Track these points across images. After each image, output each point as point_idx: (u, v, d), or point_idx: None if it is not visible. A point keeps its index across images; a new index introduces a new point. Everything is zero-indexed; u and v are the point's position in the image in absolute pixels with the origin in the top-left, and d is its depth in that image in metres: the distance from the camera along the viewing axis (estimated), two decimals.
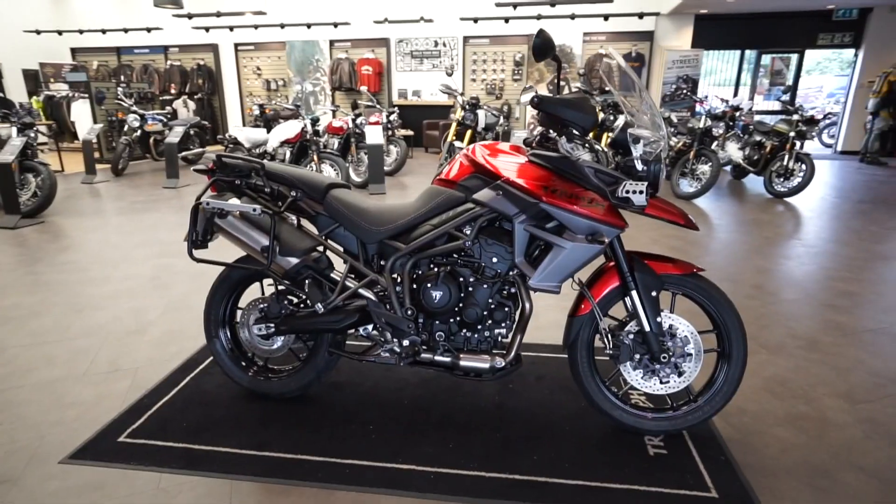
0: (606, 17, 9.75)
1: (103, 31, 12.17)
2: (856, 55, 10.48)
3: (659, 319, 1.79)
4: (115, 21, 12.21)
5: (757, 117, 7.57)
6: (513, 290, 1.87)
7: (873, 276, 3.58)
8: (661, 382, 1.85)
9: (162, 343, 2.63)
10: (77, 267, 3.79)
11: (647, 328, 1.79)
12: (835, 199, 6.25)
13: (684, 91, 10.69)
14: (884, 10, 9.94)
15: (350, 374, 2.32)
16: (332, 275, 1.93)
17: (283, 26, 11.10)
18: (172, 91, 12.64)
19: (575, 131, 1.69)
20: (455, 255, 1.86)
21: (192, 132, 9.02)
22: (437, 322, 1.90)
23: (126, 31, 12.10)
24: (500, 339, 1.91)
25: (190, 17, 11.14)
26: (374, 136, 6.50)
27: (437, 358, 1.88)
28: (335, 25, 10.86)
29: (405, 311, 1.87)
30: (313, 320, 1.93)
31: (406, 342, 1.90)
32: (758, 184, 7.08)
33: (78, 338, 2.69)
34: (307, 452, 1.81)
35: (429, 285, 1.82)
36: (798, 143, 6.23)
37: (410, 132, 11.12)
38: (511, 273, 1.83)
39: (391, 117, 8.03)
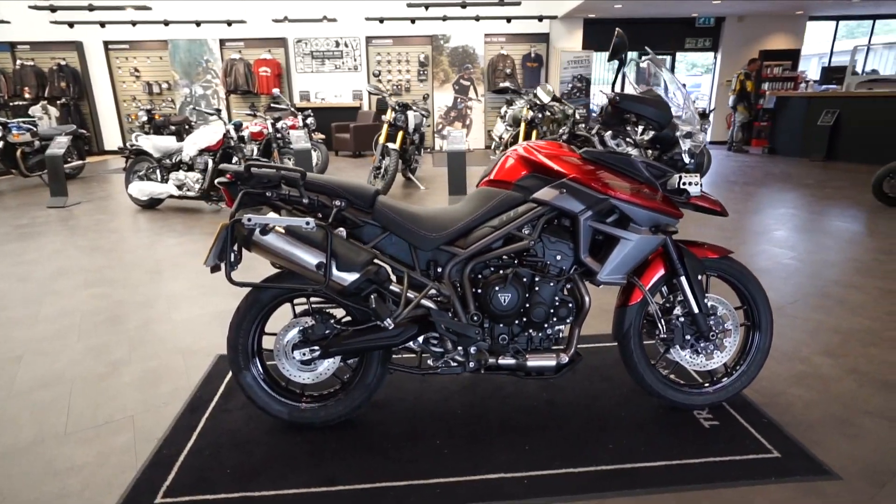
0: (509, 20, 10.16)
1: None
2: (715, 57, 12.00)
3: (705, 300, 1.93)
4: None
5: None
6: (568, 286, 1.90)
7: (803, 247, 4.14)
8: (707, 359, 1.99)
9: (148, 383, 2.29)
10: None
11: (696, 310, 1.92)
12: (724, 182, 7.11)
13: (579, 89, 11.50)
14: (733, 20, 11.48)
15: (384, 391, 2.20)
16: (391, 287, 1.81)
17: (167, 23, 10.08)
18: (27, 95, 10.97)
19: (646, 125, 1.76)
20: (511, 256, 1.85)
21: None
22: (500, 325, 1.87)
23: None
24: (560, 335, 1.93)
25: (53, 9, 9.70)
26: (300, 140, 6.18)
27: (504, 361, 1.86)
28: (229, 24, 10.11)
29: (471, 317, 1.82)
30: (369, 337, 1.80)
31: (473, 349, 1.85)
32: None
33: (34, 390, 2.25)
34: (385, 479, 1.69)
35: (497, 288, 1.79)
36: None
37: (322, 136, 10.71)
38: (572, 270, 1.86)
39: (308, 121, 7.68)
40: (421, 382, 2.26)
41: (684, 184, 1.76)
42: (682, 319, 1.95)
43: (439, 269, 1.85)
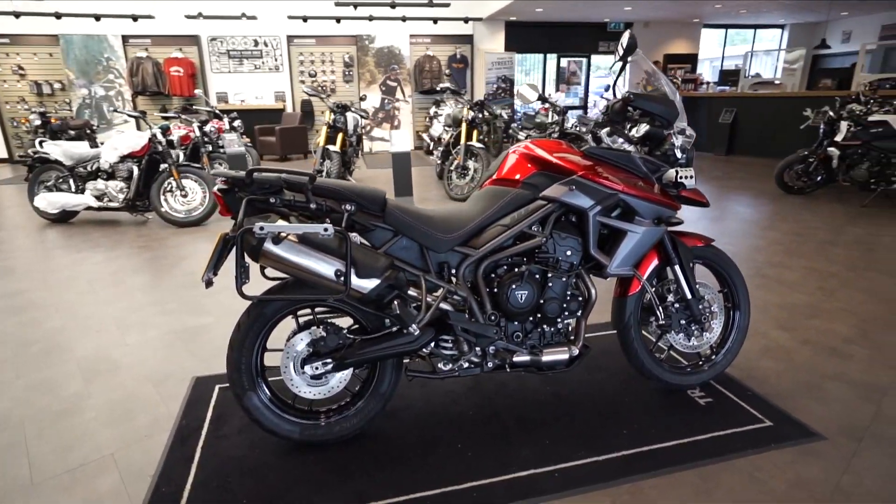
0: (435, 21, 10.21)
1: None
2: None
3: (696, 287, 2.06)
4: None
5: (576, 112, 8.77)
6: (573, 281, 1.95)
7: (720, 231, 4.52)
8: (697, 341, 2.13)
9: (120, 417, 2.06)
10: None
11: (690, 295, 2.04)
12: None
13: (504, 90, 11.81)
14: (640, 25, 12.34)
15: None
16: (409, 291, 1.76)
17: (58, 16, 9.09)
18: None
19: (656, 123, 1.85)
20: (520, 254, 1.87)
21: None
22: (514, 323, 1.88)
23: None
24: (569, 329, 1.97)
25: None
26: (233, 143, 5.83)
27: (520, 359, 1.87)
28: (134, 19, 9.30)
29: (488, 316, 1.81)
30: (387, 344, 1.73)
31: (492, 349, 1.84)
32: None
33: None
34: (418, 489, 1.65)
35: (514, 286, 1.79)
36: None
37: (247, 139, 10.17)
38: (581, 264, 1.90)
39: (235, 123, 7.27)
40: (422, 387, 2.22)
41: (682, 177, 1.87)
42: (676, 306, 2.07)
43: (453, 271, 1.83)
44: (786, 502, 1.59)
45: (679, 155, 1.92)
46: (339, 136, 6.07)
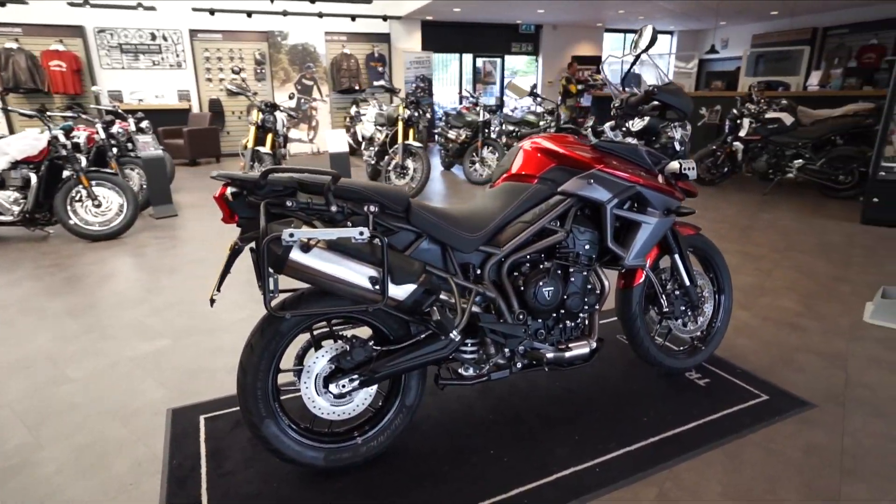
0: (354, 18, 9.94)
1: None
2: (537, 60, 13.33)
3: (694, 273, 2.15)
4: None
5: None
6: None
7: None
8: (692, 325, 2.23)
9: (92, 465, 1.75)
10: None
11: (688, 283, 2.13)
12: None
13: (423, 89, 11.79)
14: (549, 27, 12.89)
15: None
16: (442, 295, 1.65)
17: None
18: None
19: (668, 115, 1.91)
20: (540, 250, 1.84)
21: None
22: (537, 320, 1.84)
23: None
24: (585, 323, 1.98)
25: None
26: (147, 146, 5.26)
27: (550, 355, 1.84)
28: (2, 3, 8.08)
29: (516, 316, 1.76)
30: (419, 353, 1.62)
31: (521, 348, 1.80)
32: None
33: None
34: (467, 502, 1.56)
35: (540, 283, 1.76)
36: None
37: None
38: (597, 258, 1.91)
39: (142, 124, 6.57)
40: (432, 396, 2.12)
41: (685, 169, 1.94)
42: (677, 293, 2.15)
43: (478, 272, 1.76)
44: (806, 469, 1.70)
45: (678, 147, 2.00)
46: (269, 136, 5.70)
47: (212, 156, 9.52)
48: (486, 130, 7.13)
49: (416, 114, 6.14)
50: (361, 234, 1.41)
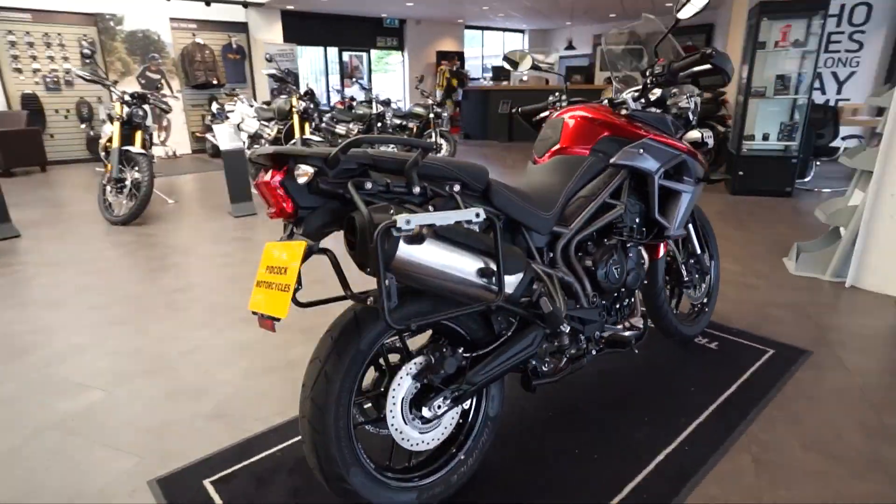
0: (208, 3, 8.85)
1: None
2: (402, 55, 13.25)
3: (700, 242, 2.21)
4: None
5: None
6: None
7: None
8: (698, 291, 2.29)
9: None
10: None
11: (699, 251, 2.18)
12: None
13: (289, 83, 10.98)
14: (413, 22, 12.89)
15: None
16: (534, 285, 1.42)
17: None
18: None
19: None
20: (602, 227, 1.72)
21: None
22: (603, 301, 1.72)
23: None
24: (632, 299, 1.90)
25: None
26: None
27: (623, 334, 1.73)
28: None
29: (591, 298, 1.62)
30: (510, 354, 1.39)
31: (598, 333, 1.66)
32: None
33: None
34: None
35: (611, 261, 1.64)
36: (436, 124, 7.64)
37: None
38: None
39: None
40: None
41: (707, 137, 1.96)
42: (691, 261, 2.19)
43: (551, 254, 1.57)
44: (847, 409, 1.82)
45: (692, 117, 2.01)
46: (139, 133, 4.78)
47: (35, 164, 7.80)
48: (381, 124, 6.85)
49: (311, 105, 5.64)
50: (478, 215, 1.14)
